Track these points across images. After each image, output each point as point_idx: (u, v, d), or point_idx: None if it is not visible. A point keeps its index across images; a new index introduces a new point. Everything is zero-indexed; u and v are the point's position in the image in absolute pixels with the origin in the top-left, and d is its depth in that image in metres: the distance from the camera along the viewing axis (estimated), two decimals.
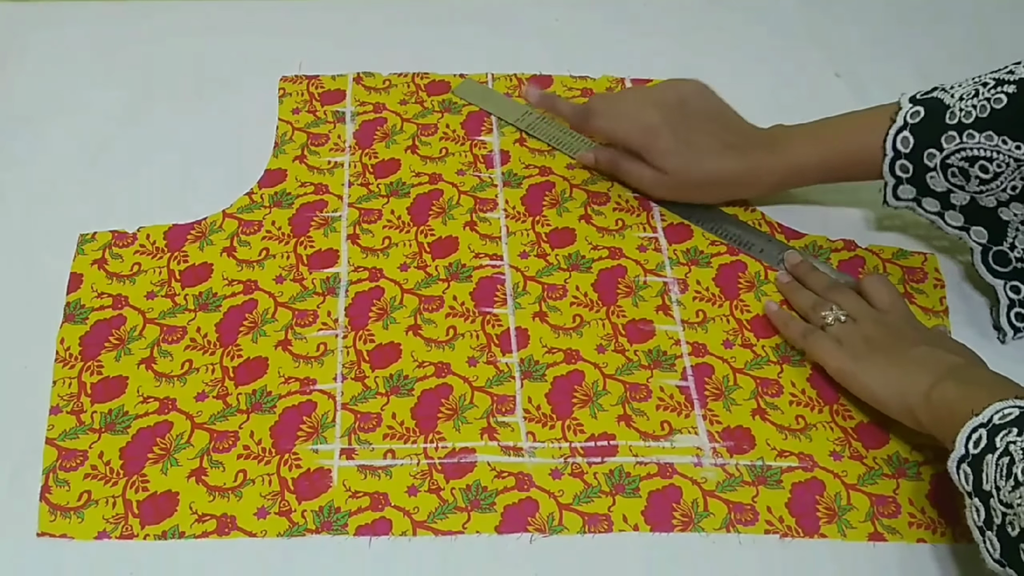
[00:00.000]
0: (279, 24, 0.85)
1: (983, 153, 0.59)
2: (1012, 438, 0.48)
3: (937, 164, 0.61)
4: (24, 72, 0.80)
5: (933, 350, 0.60)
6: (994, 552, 0.49)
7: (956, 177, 0.61)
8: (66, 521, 0.57)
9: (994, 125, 0.59)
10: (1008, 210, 0.61)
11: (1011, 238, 0.63)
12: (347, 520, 0.57)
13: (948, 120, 0.60)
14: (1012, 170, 0.58)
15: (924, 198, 0.64)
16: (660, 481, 0.60)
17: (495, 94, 0.80)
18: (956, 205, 0.63)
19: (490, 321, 0.66)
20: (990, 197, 0.61)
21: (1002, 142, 0.58)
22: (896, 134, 0.62)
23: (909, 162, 0.62)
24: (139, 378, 0.62)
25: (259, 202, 0.72)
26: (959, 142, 0.60)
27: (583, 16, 0.88)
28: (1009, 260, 0.64)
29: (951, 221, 0.64)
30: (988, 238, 0.64)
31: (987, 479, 0.49)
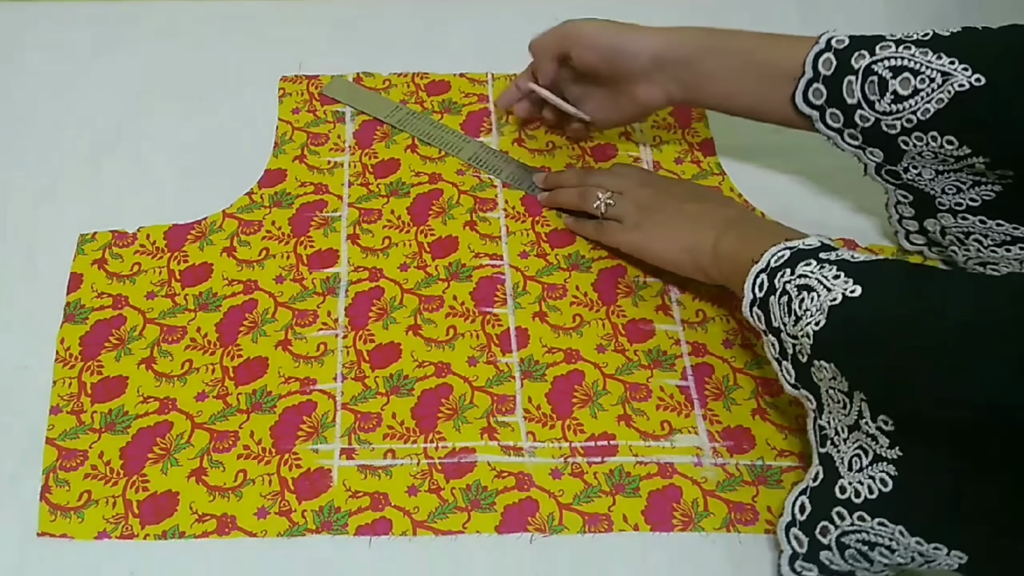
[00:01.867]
0: (279, 24, 0.85)
1: (911, 64, 0.58)
2: (787, 278, 0.54)
3: (862, 67, 0.60)
4: (24, 72, 0.80)
5: (705, 205, 0.65)
6: (790, 378, 0.55)
7: (872, 89, 0.60)
8: (66, 521, 0.57)
9: (932, 44, 0.59)
10: (909, 139, 0.61)
11: (905, 163, 0.63)
12: (347, 520, 0.57)
13: (888, 36, 0.61)
14: (935, 87, 0.58)
15: (830, 108, 0.62)
16: (660, 481, 0.60)
17: (364, 91, 0.80)
18: (858, 125, 0.62)
19: (490, 321, 0.66)
20: (896, 120, 0.60)
21: (936, 56, 0.58)
22: (832, 36, 0.62)
23: (835, 58, 0.61)
24: (139, 378, 0.62)
25: (259, 202, 0.72)
26: (893, 51, 0.59)
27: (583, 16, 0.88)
28: (900, 177, 0.64)
29: (848, 140, 0.63)
30: (883, 158, 0.63)
31: (775, 318, 0.54)
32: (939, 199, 0.64)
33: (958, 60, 0.57)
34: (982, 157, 0.59)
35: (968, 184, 0.62)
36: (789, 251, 0.55)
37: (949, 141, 0.59)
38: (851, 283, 0.51)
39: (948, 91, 0.58)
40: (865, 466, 0.51)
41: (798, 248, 0.55)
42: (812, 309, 0.51)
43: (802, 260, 0.54)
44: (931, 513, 0.49)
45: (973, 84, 0.57)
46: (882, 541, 0.51)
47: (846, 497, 0.52)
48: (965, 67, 0.57)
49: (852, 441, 0.52)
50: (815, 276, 0.52)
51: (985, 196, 0.62)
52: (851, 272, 0.51)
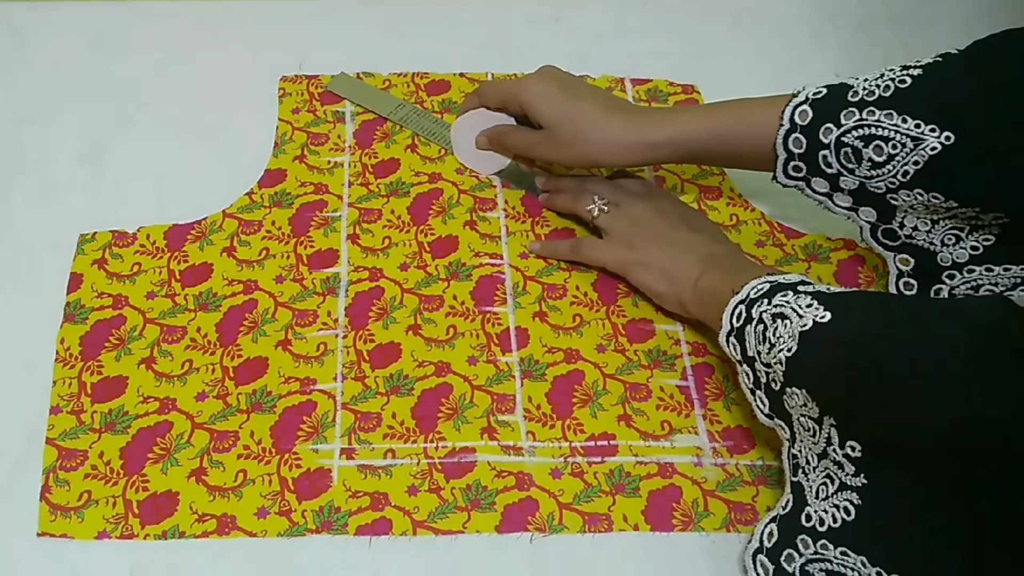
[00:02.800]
0: (279, 24, 0.85)
1: (880, 132, 0.57)
2: (764, 307, 0.55)
3: (832, 141, 0.59)
4: (24, 72, 0.80)
5: (696, 236, 0.66)
6: (764, 408, 0.56)
7: (848, 159, 0.59)
8: (66, 521, 0.57)
9: (895, 104, 0.57)
10: (897, 196, 0.60)
11: (900, 218, 0.62)
12: (347, 520, 0.57)
13: (850, 98, 0.59)
14: (907, 151, 0.57)
15: (814, 178, 0.62)
16: (660, 481, 0.60)
17: (369, 88, 0.80)
18: (844, 188, 0.61)
19: (490, 320, 0.66)
20: (880, 183, 0.59)
21: (901, 120, 0.57)
22: (795, 107, 0.60)
23: (803, 136, 0.60)
24: (139, 378, 0.62)
25: (259, 202, 0.72)
26: (858, 118, 0.58)
27: (583, 16, 0.88)
28: (898, 236, 0.63)
29: (839, 202, 0.63)
30: (877, 217, 0.63)
31: (750, 347, 0.55)
32: (940, 254, 0.63)
33: (923, 122, 0.56)
34: (971, 207, 0.59)
35: (966, 230, 0.61)
36: (768, 284, 0.56)
37: (935, 197, 0.58)
38: (822, 310, 0.51)
39: (921, 154, 0.57)
40: (831, 494, 0.52)
41: (778, 282, 0.56)
42: (784, 336, 0.52)
43: (780, 291, 0.55)
44: (892, 544, 0.49)
45: (944, 144, 0.56)
46: (844, 571, 0.51)
47: (811, 525, 0.52)
48: (932, 128, 0.56)
49: (820, 469, 0.53)
50: (790, 305, 0.53)
51: (985, 241, 0.61)
52: (823, 300, 0.52)
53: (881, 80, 0.58)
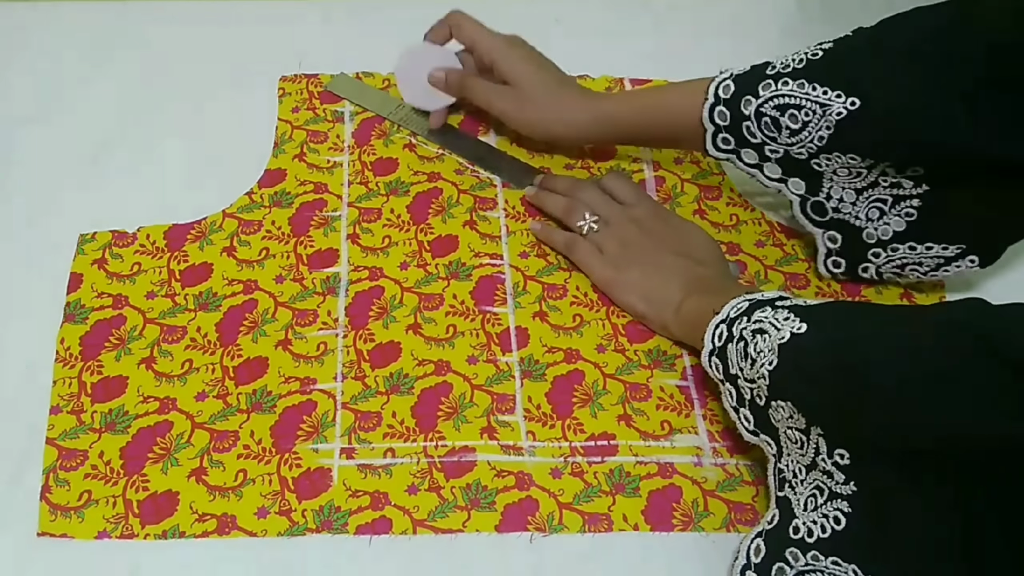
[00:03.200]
0: (279, 24, 0.85)
1: (793, 100, 0.60)
2: (743, 325, 0.56)
3: (752, 112, 0.62)
4: (24, 72, 0.80)
5: (683, 261, 0.67)
6: (748, 425, 0.57)
7: (769, 128, 0.62)
8: (66, 521, 0.57)
9: (806, 73, 0.60)
10: (820, 161, 0.63)
11: (827, 188, 0.65)
12: (347, 519, 0.57)
13: (768, 71, 0.62)
14: (819, 118, 0.60)
15: (743, 149, 0.65)
16: (660, 481, 0.60)
17: (368, 88, 0.80)
18: (772, 158, 0.64)
19: (490, 320, 0.66)
20: (801, 149, 0.62)
21: (811, 88, 0.60)
22: (719, 83, 0.64)
23: (727, 109, 0.63)
24: (139, 378, 0.62)
25: (259, 202, 0.72)
26: (774, 89, 0.61)
27: (583, 16, 0.88)
28: (826, 210, 0.66)
29: (769, 173, 0.65)
30: (805, 189, 0.65)
31: (732, 365, 0.56)
32: (866, 230, 0.65)
33: (830, 88, 0.60)
34: (887, 164, 0.61)
35: (889, 202, 0.64)
36: (748, 302, 0.57)
37: (852, 158, 0.62)
38: (798, 321, 0.53)
39: (830, 119, 0.60)
40: (820, 504, 0.52)
41: (757, 299, 0.57)
42: (764, 350, 0.53)
43: (759, 308, 0.56)
44: (883, 551, 0.49)
45: (849, 109, 0.59)
46: None
47: (799, 537, 0.52)
48: (838, 94, 0.59)
49: (809, 481, 0.53)
50: (768, 320, 0.54)
51: (908, 216, 0.64)
52: (799, 312, 0.53)
53: (797, 55, 0.62)
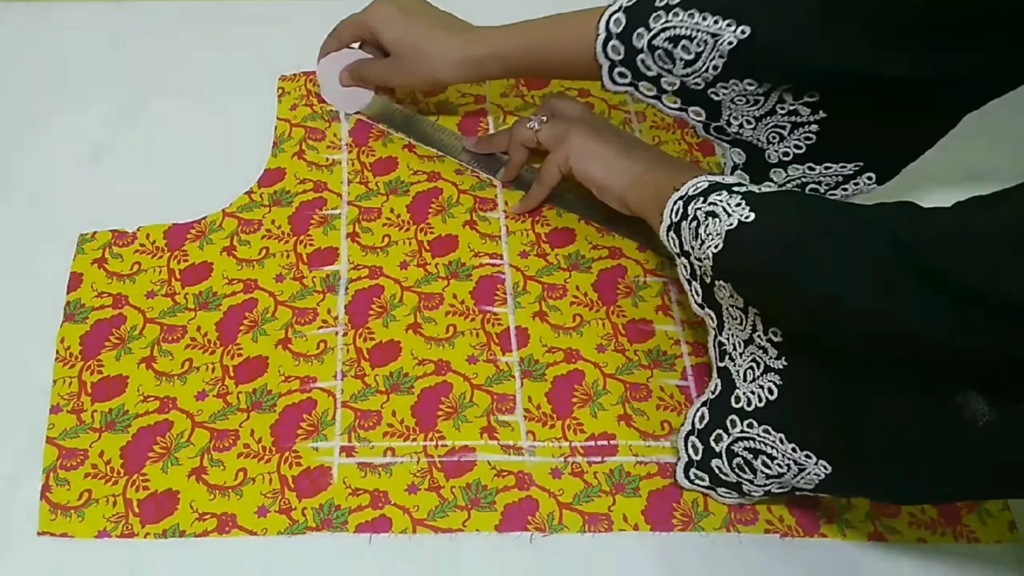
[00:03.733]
0: (279, 24, 0.85)
1: (684, 31, 0.60)
2: (698, 205, 0.57)
3: (644, 45, 0.61)
4: (24, 72, 0.80)
5: (639, 139, 0.69)
6: (698, 297, 0.59)
7: (663, 60, 0.62)
8: (66, 520, 0.57)
9: (696, 2, 0.60)
10: (716, 90, 0.62)
11: (726, 116, 0.65)
12: (347, 518, 0.57)
13: (657, 3, 0.61)
14: (711, 48, 0.59)
15: (640, 82, 0.64)
16: (660, 481, 0.60)
17: None
18: (669, 89, 0.64)
19: (490, 320, 0.66)
20: (697, 78, 0.62)
21: (702, 18, 0.59)
22: (610, 16, 0.63)
23: (620, 42, 0.62)
24: (139, 377, 0.62)
25: (259, 201, 0.72)
26: (665, 20, 0.60)
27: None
28: (728, 132, 0.66)
29: (668, 104, 0.65)
30: (706, 116, 0.65)
31: (685, 242, 0.58)
32: (767, 151, 0.66)
33: (721, 17, 0.59)
34: (782, 89, 0.62)
35: (787, 128, 0.64)
36: (707, 182, 0.58)
37: (748, 84, 0.61)
38: (747, 210, 0.54)
39: (722, 49, 0.59)
40: (757, 376, 0.56)
41: (716, 181, 0.58)
42: (713, 233, 0.55)
43: (716, 191, 0.57)
44: (806, 422, 0.54)
45: (740, 38, 0.59)
46: (765, 448, 0.55)
47: (739, 406, 0.57)
48: (729, 23, 0.59)
49: (747, 354, 0.57)
50: (722, 204, 0.55)
51: (807, 139, 0.64)
52: (751, 200, 0.54)
53: None
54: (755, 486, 0.57)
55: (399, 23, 0.70)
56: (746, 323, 0.56)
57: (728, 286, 0.56)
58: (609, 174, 0.66)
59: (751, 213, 0.53)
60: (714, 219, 0.55)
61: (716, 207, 0.55)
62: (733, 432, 0.57)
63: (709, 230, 0.55)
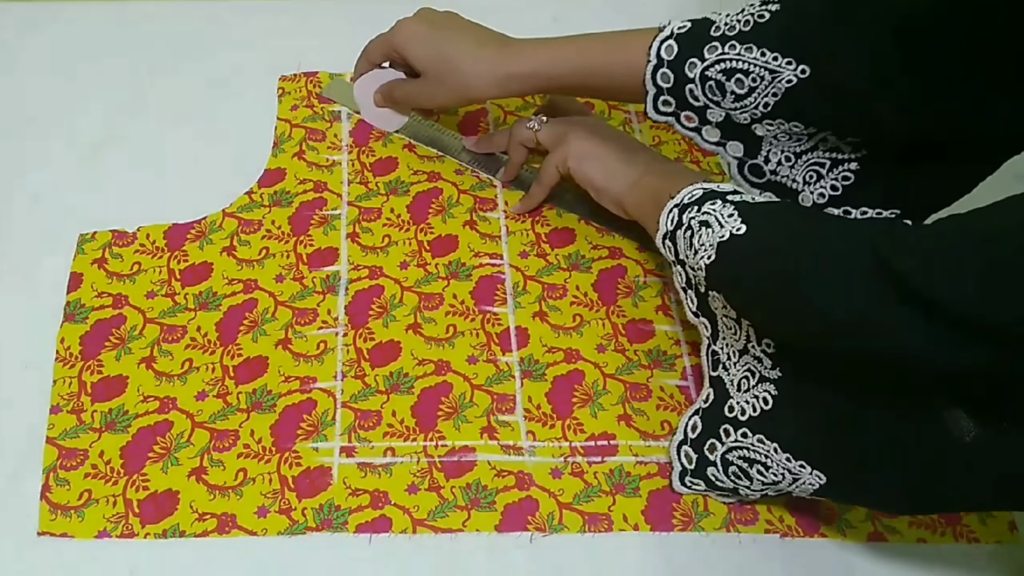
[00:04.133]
0: (279, 24, 0.85)
1: (741, 65, 0.59)
2: (692, 214, 0.57)
3: (697, 75, 0.61)
4: (24, 72, 0.80)
5: (637, 143, 0.69)
6: (692, 306, 0.60)
7: (713, 92, 0.61)
8: (66, 520, 0.57)
9: (755, 38, 0.59)
10: (761, 126, 0.62)
11: (765, 151, 0.64)
12: (347, 518, 0.57)
13: (712, 32, 0.61)
14: (767, 84, 0.59)
15: (683, 112, 0.63)
16: (660, 481, 0.60)
17: None
18: (712, 121, 0.63)
19: (490, 320, 0.66)
20: (744, 114, 0.61)
21: (760, 54, 0.59)
22: (661, 42, 0.62)
23: (671, 71, 0.61)
24: (139, 377, 0.62)
25: (259, 201, 0.72)
26: (720, 52, 0.60)
27: (582, 15, 0.88)
28: (764, 172, 0.65)
29: (708, 137, 0.65)
30: (744, 151, 0.65)
31: (681, 250, 0.58)
32: (802, 193, 0.65)
33: (781, 55, 0.58)
34: (829, 132, 0.62)
35: (827, 166, 0.63)
36: (703, 191, 0.58)
37: (795, 125, 0.61)
38: (739, 221, 0.54)
39: (779, 86, 0.59)
40: (752, 386, 0.57)
41: (711, 189, 0.58)
42: (706, 244, 0.55)
43: (710, 199, 0.57)
44: (800, 432, 0.54)
45: (799, 77, 0.58)
46: (759, 458, 0.55)
47: (733, 415, 0.57)
48: (789, 61, 0.58)
49: (741, 364, 0.57)
50: (715, 214, 0.55)
51: (844, 179, 0.63)
52: (743, 212, 0.55)
53: (742, 15, 0.60)
54: (752, 491, 0.57)
55: (427, 41, 0.68)
56: (740, 333, 0.57)
57: (720, 297, 0.56)
58: (607, 176, 0.66)
59: (743, 225, 0.54)
60: (707, 229, 0.55)
61: (710, 216, 0.55)
62: (727, 441, 0.57)
63: (702, 240, 0.55)
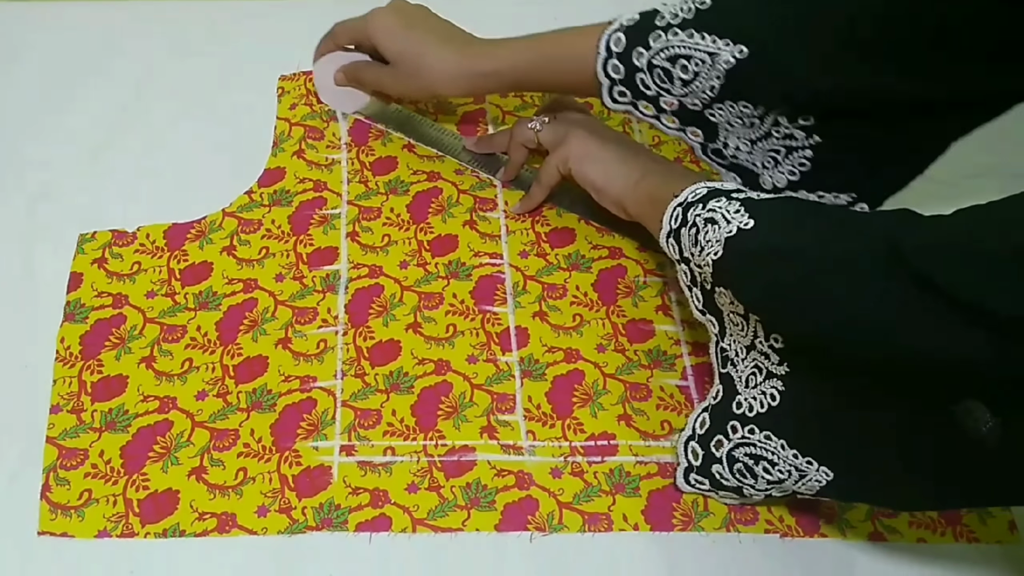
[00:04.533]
0: (279, 24, 0.85)
1: (683, 51, 0.60)
2: (698, 211, 0.57)
3: (644, 64, 0.62)
4: (24, 72, 0.80)
5: (637, 144, 0.70)
6: (698, 304, 0.60)
7: (663, 80, 0.62)
8: (67, 520, 0.57)
9: (695, 23, 0.60)
10: (713, 111, 0.63)
11: (723, 137, 0.65)
12: (347, 517, 0.57)
13: (657, 22, 0.61)
14: (708, 67, 0.59)
15: (639, 101, 0.64)
16: (660, 481, 0.60)
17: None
18: (667, 109, 0.64)
19: (490, 319, 0.66)
20: (695, 99, 0.62)
21: (701, 38, 0.59)
22: (610, 35, 0.63)
23: (620, 63, 0.62)
24: (139, 377, 0.62)
25: (258, 201, 0.72)
26: (664, 40, 0.60)
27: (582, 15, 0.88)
28: (725, 156, 0.66)
29: (667, 123, 0.65)
30: (703, 136, 0.65)
31: (685, 248, 0.58)
32: (762, 176, 0.66)
33: (718, 36, 0.59)
34: (777, 112, 0.62)
35: (782, 152, 0.64)
36: (706, 189, 0.58)
37: (744, 106, 0.61)
38: (747, 217, 0.54)
39: (720, 68, 0.59)
40: (759, 383, 0.56)
41: (715, 188, 0.58)
42: (712, 240, 0.55)
43: (715, 197, 0.57)
44: (807, 428, 0.54)
45: (738, 57, 0.58)
46: (766, 455, 0.55)
47: (741, 412, 0.57)
48: (727, 42, 0.59)
49: (749, 360, 0.57)
50: (720, 210, 0.55)
51: (801, 165, 0.64)
52: (750, 207, 0.55)
53: (687, 3, 0.61)
54: (756, 491, 0.57)
55: (399, 34, 0.69)
56: (747, 329, 0.56)
57: (728, 292, 0.56)
58: (608, 178, 0.66)
59: (750, 220, 0.53)
60: (713, 226, 0.55)
61: (715, 213, 0.55)
62: (734, 438, 0.57)
63: (708, 237, 0.55)
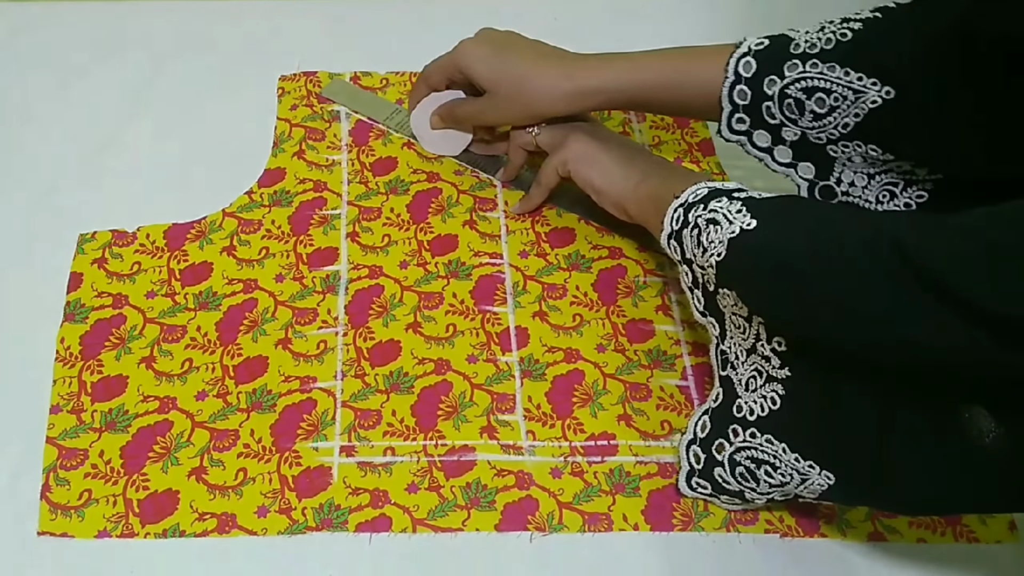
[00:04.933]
0: (279, 24, 0.85)
1: (822, 84, 0.58)
2: (699, 212, 0.57)
3: (776, 92, 0.60)
4: (24, 71, 0.80)
5: (637, 146, 0.70)
6: (699, 305, 0.59)
7: (791, 110, 0.60)
8: (66, 520, 0.57)
9: (837, 57, 0.58)
10: (836, 148, 0.61)
11: (838, 173, 0.63)
12: (347, 517, 0.57)
13: (792, 50, 0.60)
14: (848, 103, 0.58)
15: (756, 131, 0.63)
16: (660, 481, 0.60)
17: (362, 93, 0.80)
18: (786, 140, 0.62)
19: (490, 319, 0.66)
20: (821, 134, 0.60)
21: (843, 73, 0.58)
22: (739, 58, 0.61)
23: (748, 88, 0.61)
24: (139, 377, 0.62)
25: (259, 201, 0.72)
26: (801, 70, 0.59)
27: (582, 15, 0.89)
28: (835, 194, 0.64)
29: (780, 157, 0.64)
30: (815, 174, 0.64)
31: (687, 249, 0.58)
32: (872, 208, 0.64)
33: (866, 75, 0.57)
34: (907, 161, 0.60)
35: (901, 185, 0.62)
36: (707, 189, 0.58)
37: (873, 149, 0.60)
38: (749, 217, 0.53)
39: (862, 107, 0.58)
40: (760, 386, 0.56)
41: (716, 188, 0.58)
42: (715, 241, 0.54)
43: (716, 197, 0.56)
44: (809, 432, 0.53)
45: (884, 98, 0.57)
46: (767, 458, 0.54)
47: (741, 415, 0.56)
48: (874, 81, 0.57)
49: (749, 364, 0.57)
50: (722, 211, 0.55)
51: (919, 198, 0.62)
52: (752, 207, 0.54)
53: (822, 33, 0.59)
54: (758, 494, 0.56)
55: (494, 60, 0.67)
56: (749, 332, 0.56)
57: (732, 294, 0.55)
58: (607, 180, 0.66)
59: (753, 220, 0.53)
60: (715, 226, 0.55)
61: (717, 214, 0.55)
62: (735, 441, 0.56)
63: (711, 237, 0.55)
